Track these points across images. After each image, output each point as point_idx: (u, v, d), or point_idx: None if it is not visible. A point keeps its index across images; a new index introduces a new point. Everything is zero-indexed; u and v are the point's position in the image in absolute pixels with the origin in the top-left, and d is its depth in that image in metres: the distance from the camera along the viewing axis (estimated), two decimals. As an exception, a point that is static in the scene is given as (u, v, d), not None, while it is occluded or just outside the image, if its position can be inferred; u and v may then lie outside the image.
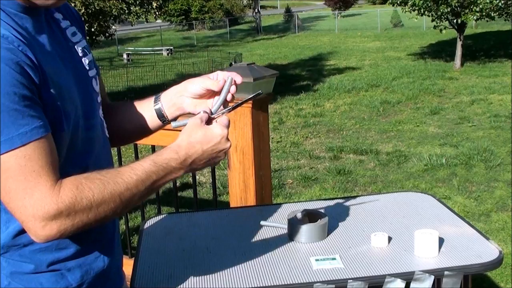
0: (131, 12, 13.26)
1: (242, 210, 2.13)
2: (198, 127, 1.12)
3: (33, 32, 1.01)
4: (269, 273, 1.40)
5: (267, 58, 19.35)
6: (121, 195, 0.99)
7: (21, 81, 0.90)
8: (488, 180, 5.51)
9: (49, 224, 0.92)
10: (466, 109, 9.01)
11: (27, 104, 0.91)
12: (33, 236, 0.94)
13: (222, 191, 5.31)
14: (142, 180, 1.03)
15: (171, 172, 1.07)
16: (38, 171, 0.92)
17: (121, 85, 14.58)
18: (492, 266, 1.42)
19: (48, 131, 0.94)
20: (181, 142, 1.10)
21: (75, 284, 1.09)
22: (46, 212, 0.91)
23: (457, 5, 12.91)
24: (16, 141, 0.90)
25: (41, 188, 0.91)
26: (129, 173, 1.02)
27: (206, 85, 1.22)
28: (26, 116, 0.90)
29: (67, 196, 0.93)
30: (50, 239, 0.94)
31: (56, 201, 0.92)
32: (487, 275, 3.50)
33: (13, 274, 1.04)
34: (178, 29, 40.20)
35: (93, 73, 1.18)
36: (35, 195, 0.91)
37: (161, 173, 1.05)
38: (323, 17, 39.54)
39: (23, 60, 0.92)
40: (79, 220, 0.95)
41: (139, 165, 1.04)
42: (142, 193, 1.04)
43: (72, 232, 0.95)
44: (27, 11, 1.01)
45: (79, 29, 1.20)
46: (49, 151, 0.94)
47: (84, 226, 0.97)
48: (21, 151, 0.90)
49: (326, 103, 10.43)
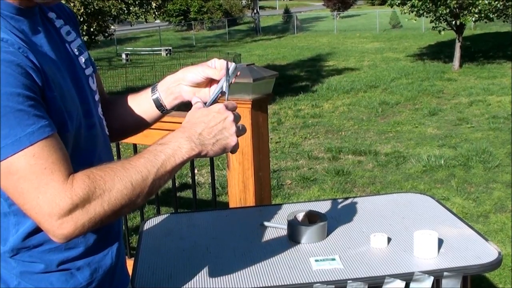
0: (130, 12, 13.27)
1: (241, 210, 2.13)
2: (195, 111, 1.12)
3: (29, 34, 1.01)
4: (268, 274, 1.41)
5: (266, 59, 19.36)
6: (131, 179, 0.96)
7: (24, 82, 0.90)
8: (486, 181, 5.51)
9: (66, 221, 0.90)
10: (465, 110, 9.03)
11: (31, 104, 0.90)
12: (52, 236, 0.93)
13: (221, 192, 5.31)
14: (150, 160, 1.00)
15: (179, 147, 1.04)
16: (50, 168, 0.90)
17: (120, 85, 14.57)
18: (491, 267, 1.42)
19: (54, 130, 0.93)
20: (183, 124, 1.09)
21: (85, 282, 1.10)
22: (62, 208, 0.89)
23: (456, 7, 12.93)
24: (24, 141, 0.89)
25: (54, 184, 0.90)
26: (136, 158, 1.00)
27: (206, 74, 1.22)
28: (32, 116, 0.90)
29: (80, 188, 0.91)
30: (69, 237, 0.92)
31: (70, 195, 0.90)
32: (486, 276, 3.51)
33: (23, 274, 1.04)
34: (177, 29, 40.18)
35: (90, 71, 1.18)
36: (48, 192, 0.90)
37: (168, 150, 1.02)
38: (322, 18, 39.56)
39: (25, 63, 0.92)
40: (95, 213, 0.92)
41: (145, 149, 1.03)
42: (155, 175, 0.99)
43: (89, 227, 0.93)
44: (22, 13, 1.01)
45: (73, 27, 1.19)
46: (58, 147, 0.93)
47: (101, 219, 0.94)
48: (30, 150, 0.89)
49: (325, 103, 10.44)
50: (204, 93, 1.24)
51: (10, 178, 0.89)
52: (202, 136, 1.07)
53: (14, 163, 0.89)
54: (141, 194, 0.98)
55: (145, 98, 1.29)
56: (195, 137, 1.06)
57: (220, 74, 1.20)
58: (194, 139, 1.05)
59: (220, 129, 1.08)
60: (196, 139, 1.06)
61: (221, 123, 1.08)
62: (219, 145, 1.08)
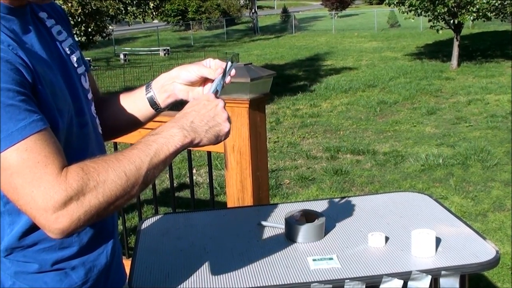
0: (128, 12, 13.27)
1: (239, 210, 2.13)
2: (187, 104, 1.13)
3: (20, 34, 1.00)
4: (266, 273, 1.40)
5: (264, 58, 19.35)
6: (125, 169, 0.96)
7: (14, 78, 0.90)
8: (485, 180, 5.52)
9: (62, 215, 0.89)
10: (463, 109, 9.03)
11: (22, 99, 0.90)
12: (48, 231, 0.91)
13: (219, 191, 5.30)
14: (143, 150, 0.99)
15: (172, 136, 1.03)
16: (43, 161, 0.90)
17: (118, 86, 14.55)
18: (489, 265, 1.42)
19: (46, 124, 0.93)
20: (176, 116, 1.10)
21: (80, 282, 1.10)
22: (56, 201, 0.88)
23: (453, 6, 12.94)
24: (16, 136, 0.88)
25: (48, 177, 0.89)
26: (129, 149, 1.00)
27: (202, 73, 1.22)
28: (23, 111, 0.89)
29: (74, 180, 0.90)
30: (65, 231, 0.91)
31: (64, 188, 0.89)
32: (484, 274, 3.51)
33: (17, 274, 1.04)
34: (175, 29, 40.17)
35: (82, 70, 1.17)
36: (42, 186, 0.89)
37: (161, 139, 1.02)
38: (320, 17, 39.56)
39: (15, 59, 0.91)
40: (90, 205, 0.91)
41: (137, 141, 1.03)
42: (148, 165, 0.98)
43: (85, 220, 0.92)
44: (13, 12, 1.00)
45: (65, 27, 1.18)
46: (51, 141, 0.92)
47: (96, 211, 0.93)
48: (22, 145, 0.88)
49: (323, 103, 10.44)
50: (197, 92, 1.24)
51: (3, 173, 0.89)
52: (194, 124, 1.07)
53: (6, 158, 0.88)
54: (135, 184, 0.97)
55: (140, 97, 1.29)
56: (187, 125, 1.06)
57: (215, 74, 1.20)
58: (186, 127, 1.06)
59: (212, 116, 1.09)
60: (188, 127, 1.06)
61: (213, 110, 1.09)
62: (213, 132, 1.09)
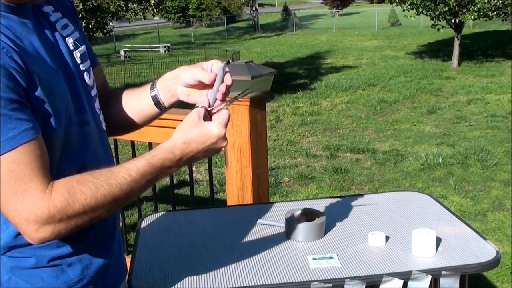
0: (128, 9, 13.24)
1: (239, 208, 2.13)
2: (195, 125, 1.09)
3: (19, 32, 0.99)
4: (266, 272, 1.40)
5: (264, 56, 19.34)
6: (114, 196, 0.99)
7: (7, 84, 0.89)
8: (484, 180, 5.51)
9: (43, 227, 0.93)
10: (463, 109, 9.03)
11: (14, 107, 0.90)
12: (28, 238, 0.95)
13: (219, 189, 5.30)
14: (136, 180, 1.02)
15: (165, 170, 1.08)
16: (29, 175, 0.91)
17: (118, 82, 14.55)
18: (489, 266, 1.42)
19: (37, 133, 0.93)
20: (177, 140, 1.08)
21: (76, 279, 1.10)
22: (39, 216, 0.92)
23: (455, 5, 12.93)
24: (5, 146, 0.89)
25: (32, 192, 0.91)
26: (123, 174, 1.01)
27: (197, 77, 1.18)
28: (14, 120, 0.90)
29: (58, 200, 0.93)
30: (44, 241, 0.95)
31: (47, 205, 0.92)
32: (484, 274, 3.51)
33: (13, 269, 1.04)
34: (176, 26, 40.14)
35: (86, 66, 1.15)
36: (26, 199, 0.91)
37: (155, 173, 1.06)
38: (321, 15, 39.56)
39: (9, 64, 0.90)
40: (73, 223, 0.96)
41: (133, 165, 1.03)
42: (136, 192, 1.05)
43: (67, 233, 0.96)
44: (12, 10, 0.99)
45: (72, 20, 1.17)
46: (39, 153, 0.93)
47: (78, 227, 0.98)
48: (10, 155, 0.90)
49: (323, 101, 10.43)
50: (199, 95, 1.20)
51: None
52: (189, 161, 1.11)
53: None
54: (121, 205, 1.05)
55: (144, 95, 1.27)
56: (181, 162, 1.09)
57: (210, 78, 1.16)
58: (180, 164, 1.10)
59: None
60: (182, 164, 1.10)
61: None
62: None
